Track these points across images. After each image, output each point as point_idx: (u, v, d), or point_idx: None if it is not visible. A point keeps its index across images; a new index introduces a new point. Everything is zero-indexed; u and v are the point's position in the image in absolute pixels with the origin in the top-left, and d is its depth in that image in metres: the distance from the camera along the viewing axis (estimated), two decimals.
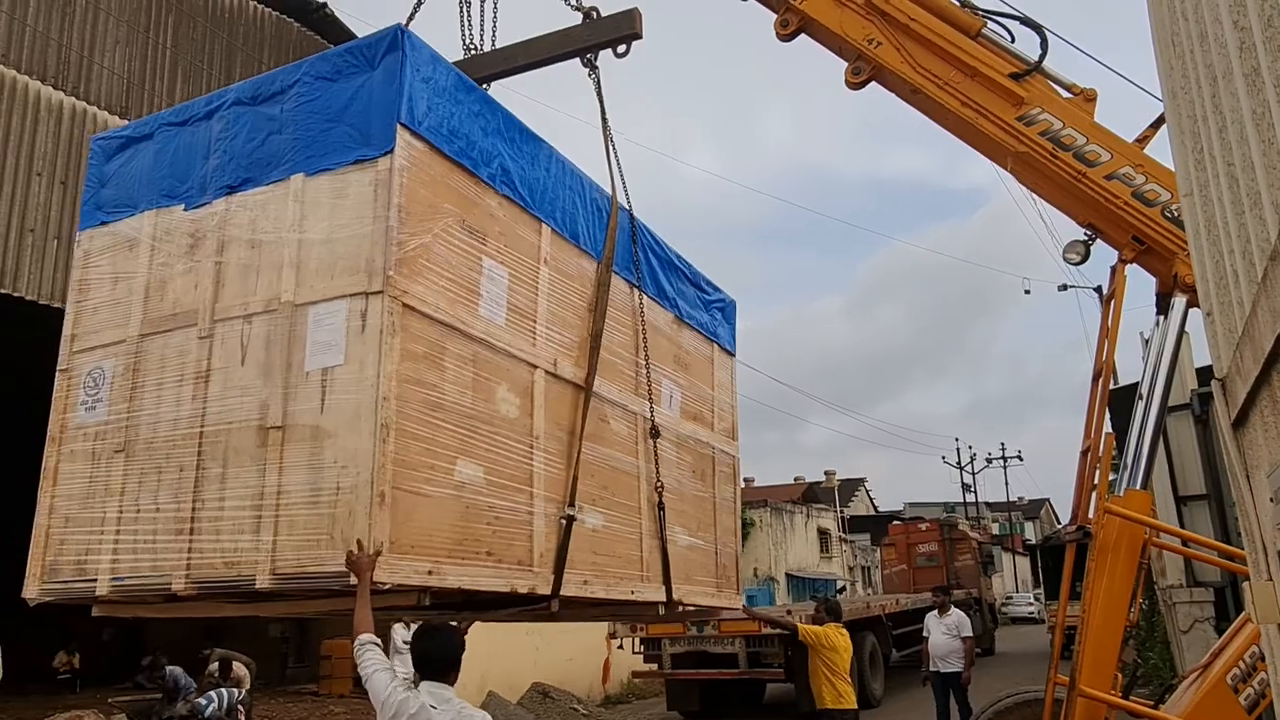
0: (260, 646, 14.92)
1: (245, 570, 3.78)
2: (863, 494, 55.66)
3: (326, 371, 3.85)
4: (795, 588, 35.55)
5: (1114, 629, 5.14)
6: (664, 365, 6.28)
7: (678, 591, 5.95)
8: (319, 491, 3.71)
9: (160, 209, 4.61)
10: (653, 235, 6.37)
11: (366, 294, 3.83)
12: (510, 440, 4.49)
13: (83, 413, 4.54)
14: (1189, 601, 10.25)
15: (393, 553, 3.60)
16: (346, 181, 4.06)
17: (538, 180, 5.02)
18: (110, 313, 4.63)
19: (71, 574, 4.31)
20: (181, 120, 4.74)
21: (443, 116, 4.28)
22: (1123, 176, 5.75)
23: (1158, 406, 5.43)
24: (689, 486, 6.48)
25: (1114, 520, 5.19)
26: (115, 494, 4.27)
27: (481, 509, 4.20)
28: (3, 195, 9.97)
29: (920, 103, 6.43)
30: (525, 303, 4.78)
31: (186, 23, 11.70)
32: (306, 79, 4.33)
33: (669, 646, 13.16)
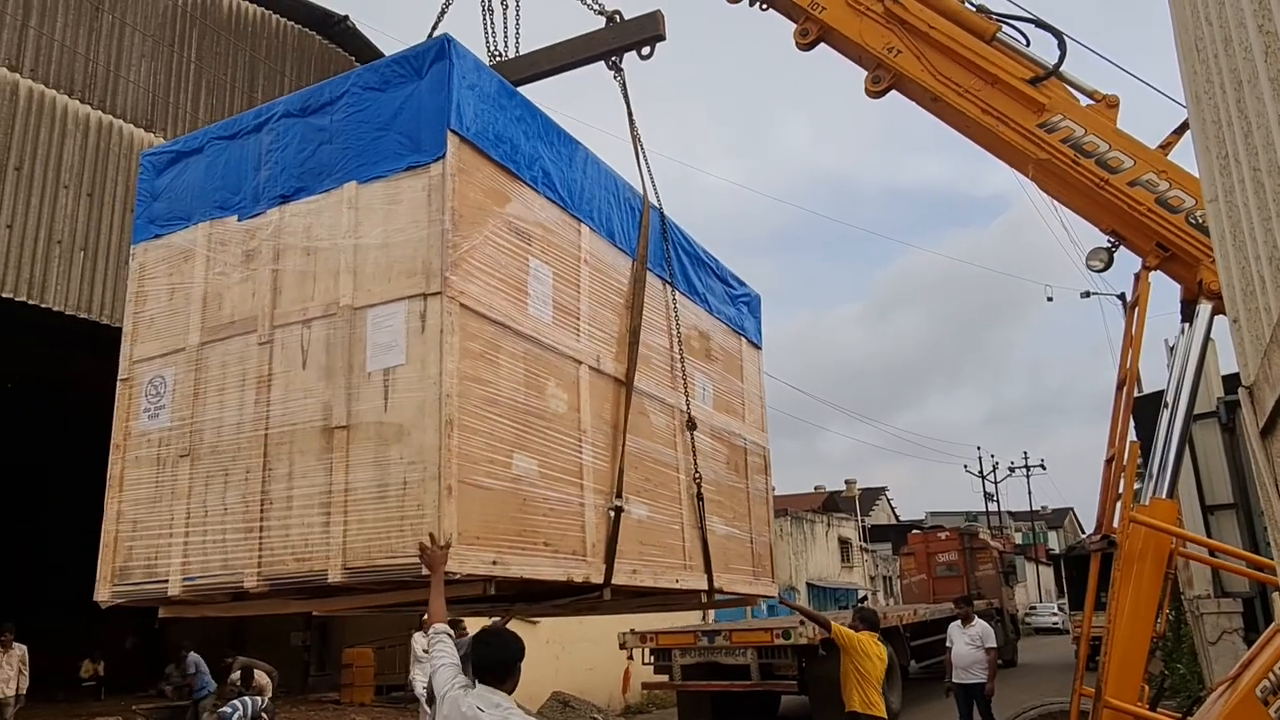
0: (282, 655, 15.03)
1: (317, 565, 3.91)
2: (884, 503, 55.29)
3: (388, 372, 3.98)
4: (816, 597, 35.33)
5: (1140, 640, 5.10)
6: (697, 359, 6.40)
7: (718, 580, 6.06)
8: (386, 487, 3.83)
9: (214, 220, 4.74)
10: (682, 233, 6.49)
11: (425, 295, 3.96)
12: (561, 434, 4.61)
13: (145, 420, 4.67)
14: (1217, 612, 10.01)
15: (461, 544, 3.73)
16: (400, 187, 4.19)
17: (575, 181, 5.15)
18: (168, 322, 4.76)
19: (142, 576, 4.45)
20: (231, 134, 4.87)
21: (488, 122, 4.41)
22: (1146, 183, 5.71)
23: (1183, 414, 5.40)
24: (724, 477, 6.60)
25: (1139, 529, 5.13)
26: (182, 497, 4.40)
27: (538, 501, 4.33)
28: (30, 207, 10.09)
29: (941, 110, 6.44)
30: (569, 301, 4.91)
31: (210, 37, 11.86)
32: (355, 90, 4.45)
33: (679, 657, 12.79)
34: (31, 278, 9.99)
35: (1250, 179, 2.58)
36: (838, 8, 6.67)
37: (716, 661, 12.45)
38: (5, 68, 9.88)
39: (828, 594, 35.91)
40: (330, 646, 15.89)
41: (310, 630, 16.42)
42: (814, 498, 48.48)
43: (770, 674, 12.30)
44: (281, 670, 13.01)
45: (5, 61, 9.85)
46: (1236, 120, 2.68)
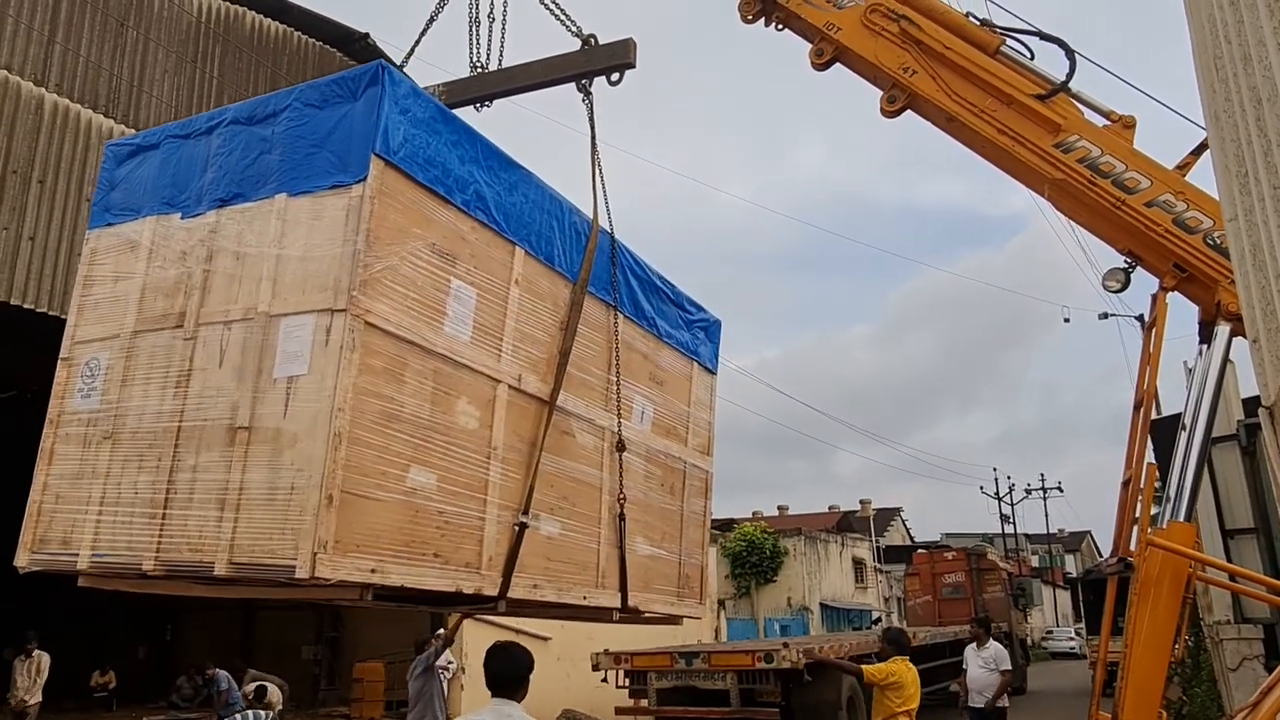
0: (292, 668, 15.09)
1: (207, 557, 4.02)
2: (899, 524, 54.50)
3: (292, 380, 4.08)
4: (829, 618, 34.92)
5: (1158, 665, 4.99)
6: (637, 382, 6.48)
7: (634, 599, 6.13)
8: (275, 490, 3.93)
9: (160, 215, 4.87)
10: (634, 257, 6.57)
11: (332, 310, 4.04)
12: (466, 450, 4.69)
13: (79, 399, 4.85)
14: (1237, 638, 9.80)
15: (337, 552, 3.86)
16: (323, 204, 4.29)
17: (514, 205, 5.24)
18: (110, 308, 4.91)
19: (58, 547, 4.59)
20: (185, 133, 5.02)
21: (419, 146, 4.51)
22: (1163, 203, 5.66)
23: (1201, 436, 5.30)
24: (656, 498, 6.67)
25: (1157, 553, 5.03)
26: (101, 477, 4.53)
27: (431, 513, 4.39)
28: (53, 220, 10.25)
29: (956, 130, 6.38)
30: (493, 321, 4.99)
31: (233, 53, 12.06)
32: (297, 105, 4.58)
33: (655, 680, 11.97)
34: (53, 290, 10.13)
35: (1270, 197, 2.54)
36: (853, 28, 6.69)
37: (695, 686, 11.70)
38: (31, 82, 10.07)
39: (841, 615, 35.55)
40: (341, 660, 15.86)
41: (321, 644, 16.44)
42: (828, 518, 47.89)
43: (752, 700, 11.52)
44: (292, 683, 13.03)
45: (31, 76, 10.05)
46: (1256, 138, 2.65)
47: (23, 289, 9.81)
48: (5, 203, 9.93)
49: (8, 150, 9.99)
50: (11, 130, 10.08)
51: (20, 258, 9.88)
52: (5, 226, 9.73)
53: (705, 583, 7.35)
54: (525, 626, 14.02)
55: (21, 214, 9.99)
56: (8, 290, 9.75)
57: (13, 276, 9.80)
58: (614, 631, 14.15)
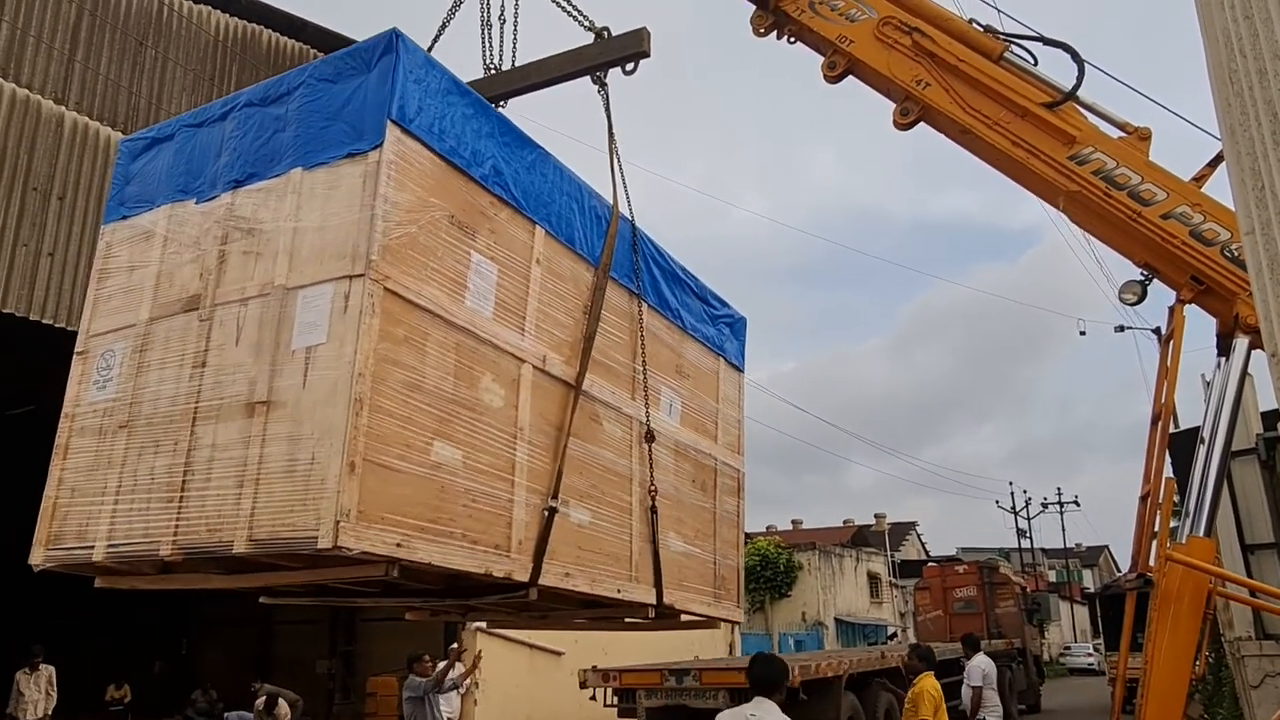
0: (306, 683, 14.90)
1: (225, 536, 3.87)
2: (914, 538, 53.86)
3: (310, 349, 3.96)
4: (844, 633, 34.48)
5: (1178, 682, 4.92)
6: (664, 373, 6.32)
7: (670, 596, 5.91)
8: (295, 462, 3.79)
9: (175, 203, 4.81)
10: (656, 247, 6.46)
11: (350, 277, 3.94)
12: (493, 428, 4.54)
13: (94, 391, 4.74)
14: (1259, 654, 9.59)
15: (361, 522, 3.70)
16: (339, 174, 4.21)
17: (533, 184, 5.15)
18: (124, 299, 4.82)
19: (74, 542, 4.45)
20: (199, 121, 4.98)
21: (434, 116, 4.43)
22: (1180, 215, 5.60)
23: (1220, 450, 5.24)
24: (687, 494, 6.47)
25: (1176, 568, 4.99)
26: (116, 466, 4.39)
27: (458, 490, 4.24)
28: (72, 236, 10.32)
29: (970, 143, 6.35)
30: (515, 299, 4.88)
31: (249, 71, 12.19)
32: (311, 80, 4.52)
33: (644, 699, 11.41)
34: (72, 305, 10.14)
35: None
36: (865, 41, 6.66)
37: (685, 705, 11.12)
38: (52, 100, 10.22)
39: (856, 630, 34.99)
40: (355, 674, 15.76)
41: (335, 658, 16.28)
42: (843, 532, 47.25)
43: None
44: (306, 698, 12.90)
45: (52, 94, 10.19)
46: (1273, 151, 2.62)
47: (42, 304, 9.86)
48: (26, 219, 10.01)
49: (28, 167, 10.10)
50: (32, 148, 10.19)
51: (40, 273, 9.94)
52: (25, 243, 9.80)
53: (741, 584, 7.09)
54: (539, 641, 13.74)
55: (41, 230, 10.08)
56: (27, 305, 9.79)
57: (32, 292, 9.87)
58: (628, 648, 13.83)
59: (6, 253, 9.80)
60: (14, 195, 9.98)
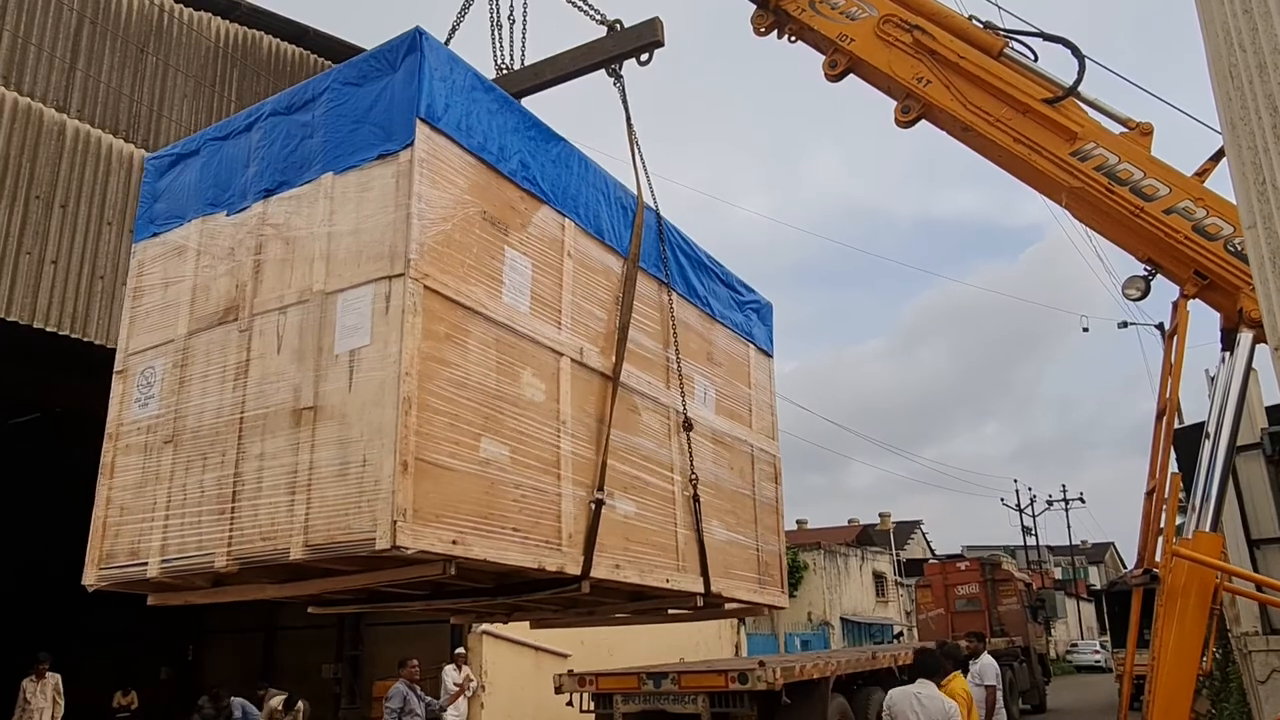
0: (313, 687, 15.10)
1: (280, 543, 3.92)
2: (919, 537, 53.81)
3: (354, 352, 4.00)
4: (851, 633, 34.57)
5: (1185, 678, 4.93)
6: (696, 361, 6.33)
7: (717, 584, 5.92)
8: (348, 465, 3.83)
9: (205, 217, 4.86)
10: (682, 235, 6.47)
11: (390, 278, 3.98)
12: (536, 422, 4.57)
13: (136, 409, 4.78)
14: (1266, 650, 9.50)
15: (417, 521, 3.72)
16: (371, 176, 4.24)
17: (559, 177, 5.17)
18: (161, 315, 4.87)
19: (126, 559, 4.50)
20: (224, 135, 5.02)
21: (461, 113, 4.46)
22: (1182, 210, 5.62)
23: (1226, 445, 5.26)
24: (727, 482, 6.49)
25: (1182, 564, 4.99)
26: (165, 481, 4.45)
27: (508, 486, 4.28)
28: (75, 244, 10.40)
29: (972, 140, 6.37)
30: (549, 293, 4.90)
31: (250, 77, 12.29)
32: (335, 85, 4.55)
33: (621, 704, 11.05)
34: (75, 313, 10.26)
35: None
36: (866, 39, 6.68)
37: (663, 710, 10.82)
38: (53, 109, 10.32)
39: (862, 629, 35.08)
40: (361, 679, 15.85)
41: (341, 663, 16.43)
42: (847, 531, 47.61)
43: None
44: (313, 703, 13.05)
45: (54, 103, 10.28)
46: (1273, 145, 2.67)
47: (45, 312, 9.97)
48: (29, 227, 10.11)
49: (31, 175, 10.20)
50: (35, 156, 10.29)
51: (44, 281, 10.06)
52: (29, 251, 9.93)
53: (784, 570, 7.09)
54: (545, 644, 13.78)
55: (44, 238, 10.20)
56: (31, 314, 9.90)
57: (35, 300, 9.97)
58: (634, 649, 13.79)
59: (10, 261, 9.93)
60: (17, 203, 10.10)
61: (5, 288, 9.71)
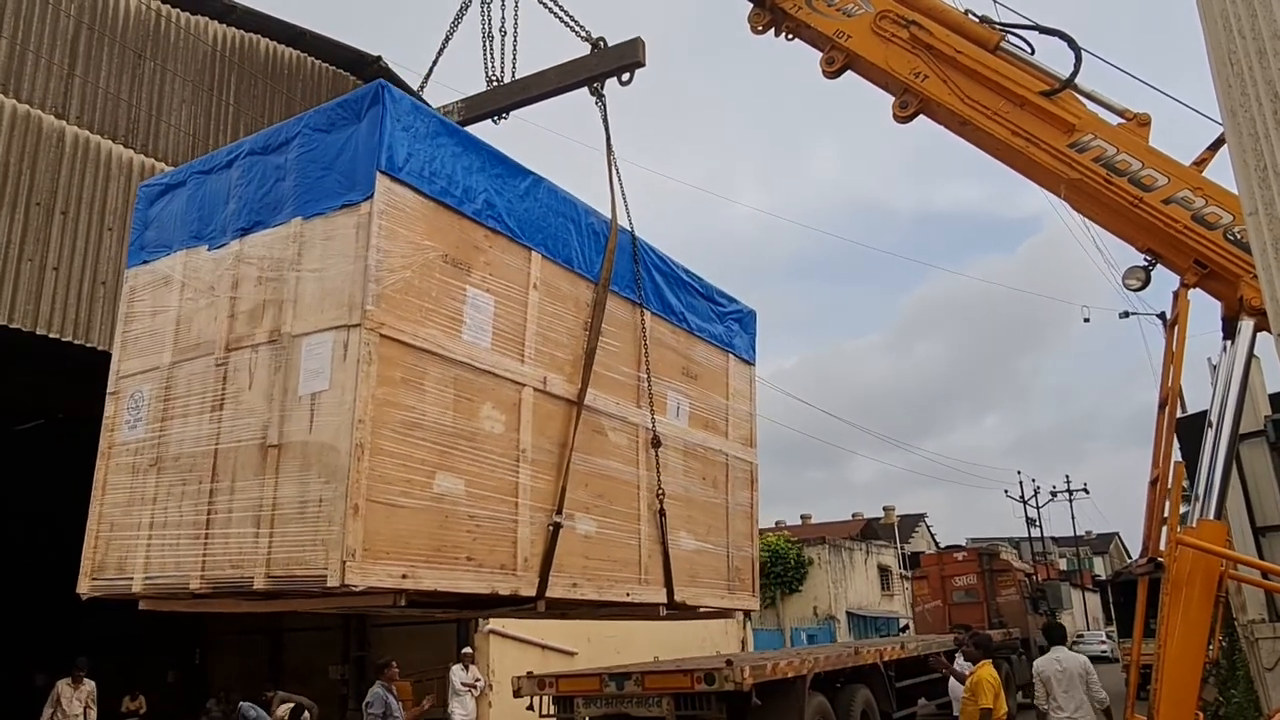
0: (320, 689, 15.38)
1: (247, 572, 4.27)
2: (923, 530, 53.72)
3: (315, 396, 4.31)
4: (856, 626, 34.79)
5: (1192, 666, 4.99)
6: (670, 378, 6.57)
7: (682, 594, 6.23)
8: (305, 503, 4.16)
9: (189, 249, 5.17)
10: (657, 254, 6.67)
11: (348, 326, 4.28)
12: (494, 454, 4.86)
13: (126, 430, 5.15)
14: (1273, 637, 9.60)
15: (366, 559, 4.04)
16: (335, 224, 4.51)
17: (527, 211, 5.40)
18: (149, 342, 5.22)
19: (115, 573, 4.91)
20: (208, 169, 5.31)
21: (424, 160, 4.70)
22: (1181, 200, 5.68)
23: (1229, 433, 5.32)
24: (698, 492, 6.76)
25: (1187, 552, 5.04)
26: (149, 503, 4.83)
27: (461, 518, 4.59)
28: (76, 250, 10.64)
29: (970, 134, 6.44)
30: (513, 326, 5.16)
31: (248, 80, 12.52)
32: (306, 130, 4.81)
33: (582, 708, 10.61)
34: (77, 319, 10.48)
35: None
36: (863, 35, 6.75)
37: (626, 713, 10.36)
38: (53, 115, 10.55)
39: (868, 623, 35.39)
40: (368, 680, 16.22)
41: (348, 664, 16.81)
42: (852, 525, 48.00)
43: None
44: (320, 704, 13.31)
45: (53, 110, 10.53)
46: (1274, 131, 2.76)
47: (48, 319, 10.23)
48: (30, 234, 10.37)
49: (31, 182, 10.44)
50: (34, 163, 10.52)
51: (45, 288, 10.31)
52: (30, 258, 10.21)
53: (756, 575, 7.37)
54: (552, 642, 14.10)
55: (45, 245, 10.45)
56: (34, 320, 10.16)
57: (38, 306, 10.23)
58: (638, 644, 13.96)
59: (12, 268, 10.15)
60: (18, 210, 10.32)
61: (7, 294, 9.97)
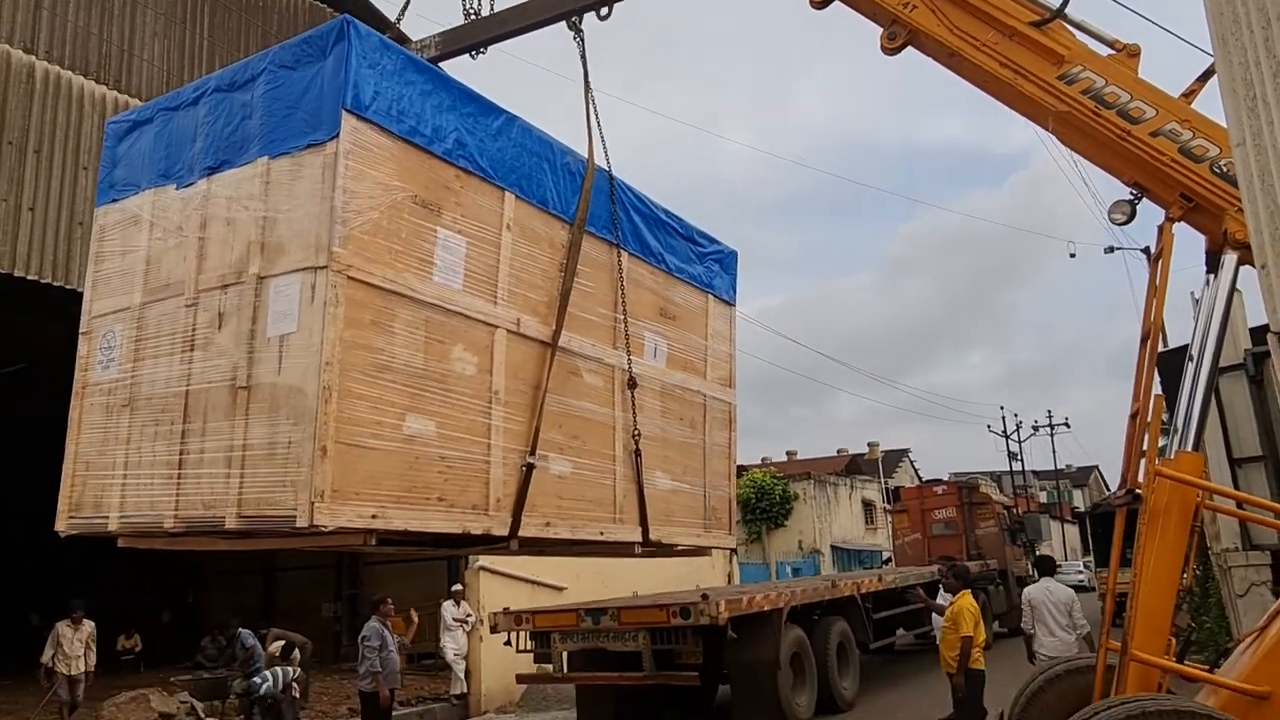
0: (313, 626, 15.50)
1: (219, 512, 4.33)
2: (907, 465, 54.78)
3: (284, 338, 4.31)
4: (840, 559, 35.73)
5: (1166, 593, 5.09)
6: (647, 319, 6.57)
7: (656, 533, 6.33)
8: (275, 445, 4.19)
9: (158, 188, 5.11)
10: (636, 194, 6.61)
11: (315, 268, 4.26)
12: (465, 396, 4.89)
13: (99, 371, 5.15)
14: (1245, 565, 9.97)
15: (335, 500, 4.09)
16: (302, 163, 4.46)
17: (500, 151, 5.33)
18: (120, 282, 5.19)
19: (91, 511, 4.96)
20: (175, 105, 5.22)
21: (391, 99, 4.62)
22: (1169, 133, 5.64)
23: (1209, 366, 5.35)
24: (675, 433, 6.81)
25: (1164, 483, 5.11)
26: (123, 443, 4.86)
27: (433, 459, 4.63)
28: (52, 190, 10.40)
29: (958, 66, 6.36)
30: (485, 268, 5.14)
31: (222, 13, 12.17)
32: (272, 67, 4.72)
33: (559, 643, 10.51)
34: (55, 260, 10.28)
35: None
36: None
37: (604, 648, 10.26)
38: (21, 50, 10.22)
39: (852, 556, 36.25)
40: (360, 617, 16.32)
41: (341, 602, 17.05)
42: (837, 461, 48.98)
43: (669, 663, 9.98)
44: (314, 641, 13.48)
45: (21, 44, 10.20)
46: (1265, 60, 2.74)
47: (25, 260, 10.02)
48: (3, 174, 10.13)
49: (2, 120, 10.16)
50: (5, 100, 10.23)
51: (21, 229, 10.09)
52: (4, 198, 9.98)
53: (734, 513, 7.48)
54: (541, 578, 14.29)
55: (20, 185, 10.20)
56: (10, 262, 9.96)
57: (15, 247, 10.02)
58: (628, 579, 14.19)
59: None
60: None
61: None
